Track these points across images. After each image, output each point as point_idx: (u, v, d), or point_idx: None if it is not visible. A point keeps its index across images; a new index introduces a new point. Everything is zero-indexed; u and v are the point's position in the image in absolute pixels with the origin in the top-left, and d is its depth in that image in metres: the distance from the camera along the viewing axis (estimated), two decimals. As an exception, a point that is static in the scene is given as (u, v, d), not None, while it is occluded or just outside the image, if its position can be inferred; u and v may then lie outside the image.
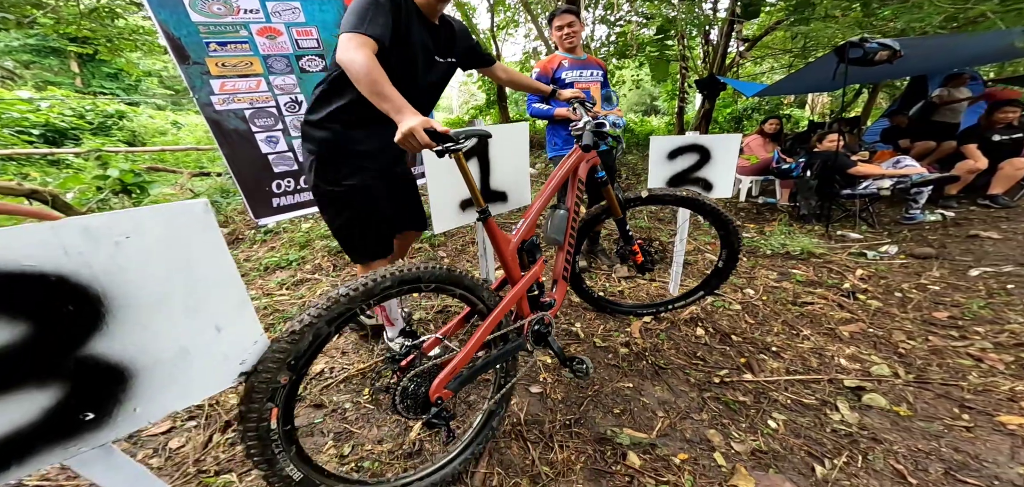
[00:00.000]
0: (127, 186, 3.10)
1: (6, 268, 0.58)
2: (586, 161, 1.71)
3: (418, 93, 1.57)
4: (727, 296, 2.64)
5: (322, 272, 2.91)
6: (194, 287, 0.75)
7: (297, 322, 0.96)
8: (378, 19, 1.29)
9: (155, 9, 2.09)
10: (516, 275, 1.45)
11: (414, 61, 1.49)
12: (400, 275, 1.10)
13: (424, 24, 1.53)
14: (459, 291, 1.28)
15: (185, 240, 0.73)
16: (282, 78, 2.47)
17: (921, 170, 3.84)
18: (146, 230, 0.69)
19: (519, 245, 1.49)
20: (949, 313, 2.41)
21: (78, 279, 0.63)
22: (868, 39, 3.50)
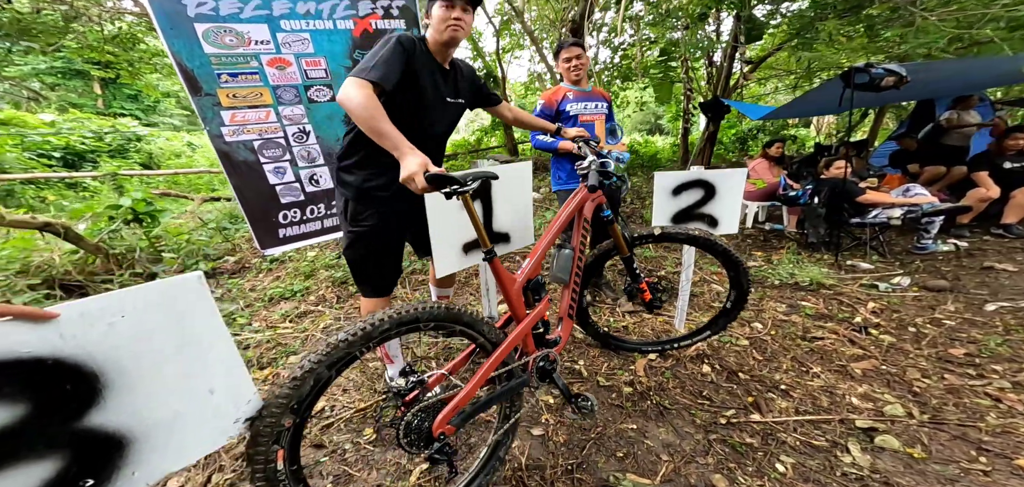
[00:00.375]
0: (139, 215, 3.16)
1: (13, 356, 0.59)
2: (591, 200, 1.72)
3: (431, 133, 1.67)
4: (734, 331, 2.59)
5: (326, 304, 2.92)
6: (188, 354, 0.77)
7: (299, 368, 0.99)
8: (382, 67, 1.36)
9: (169, 40, 2.15)
10: (521, 313, 1.47)
11: (426, 103, 1.56)
12: (398, 317, 1.12)
13: (436, 68, 1.61)
14: (459, 328, 1.28)
15: (179, 312, 0.75)
16: (291, 108, 2.52)
17: (932, 199, 3.78)
18: (141, 308, 0.71)
19: (524, 284, 1.51)
20: (966, 350, 2.34)
21: (74, 360, 0.64)
22: (874, 65, 3.49)
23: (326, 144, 2.65)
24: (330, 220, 2.73)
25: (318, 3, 2.46)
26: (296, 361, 2.32)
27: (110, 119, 10.46)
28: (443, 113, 1.68)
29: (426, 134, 1.63)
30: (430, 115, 1.61)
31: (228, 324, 2.65)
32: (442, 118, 1.69)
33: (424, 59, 1.55)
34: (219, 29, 2.23)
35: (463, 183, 1.16)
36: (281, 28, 2.38)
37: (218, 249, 3.81)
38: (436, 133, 1.72)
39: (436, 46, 1.58)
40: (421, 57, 1.53)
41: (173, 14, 2.11)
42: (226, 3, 2.22)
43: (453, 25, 1.51)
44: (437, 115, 1.65)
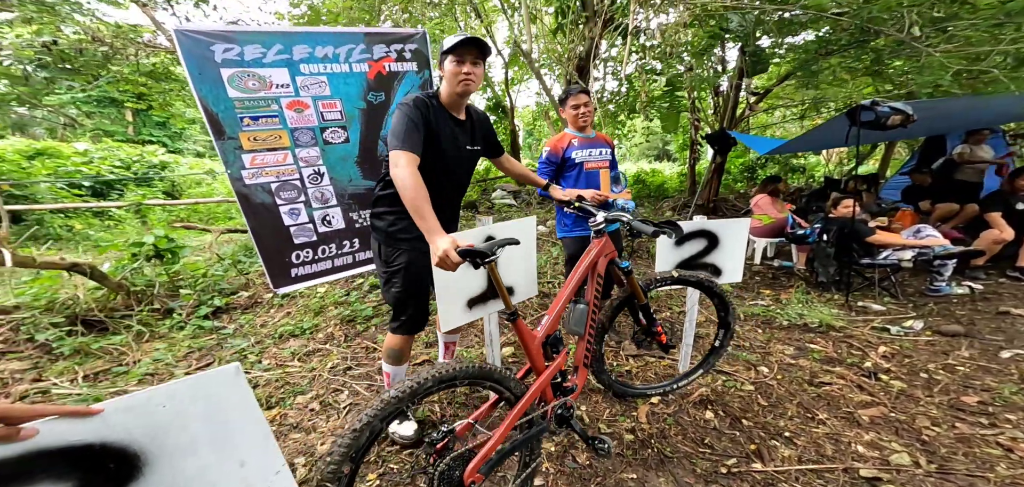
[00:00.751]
0: (160, 251, 3.30)
1: (56, 445, 0.68)
2: (604, 255, 1.79)
3: (455, 182, 1.85)
4: (740, 375, 2.57)
5: (334, 342, 2.98)
6: (222, 432, 0.85)
7: (357, 421, 1.11)
8: (414, 135, 1.54)
9: (197, 85, 2.28)
10: (540, 366, 1.57)
11: (447, 156, 1.71)
12: (440, 375, 1.24)
13: (452, 120, 1.74)
14: (490, 384, 1.40)
15: (216, 399, 0.83)
16: (307, 150, 2.63)
17: (943, 241, 3.72)
18: (182, 398, 0.80)
19: (544, 339, 1.60)
20: (979, 398, 2.29)
21: (118, 443, 0.73)
22: (880, 103, 3.49)
23: (339, 185, 2.75)
24: (340, 259, 2.82)
25: (336, 47, 2.59)
26: (351, 416, 2.37)
27: (138, 147, 10.96)
28: (462, 162, 1.82)
29: (450, 183, 1.80)
30: (452, 166, 1.76)
31: (240, 360, 2.75)
32: (462, 167, 1.84)
33: (439, 114, 1.68)
34: (243, 74, 2.36)
35: (491, 253, 1.31)
36: (300, 72, 2.51)
37: (232, 284, 3.93)
38: (459, 181, 1.88)
39: (450, 98, 1.72)
40: (436, 113, 1.67)
41: (202, 60, 2.26)
42: (250, 49, 2.37)
43: (464, 79, 1.63)
44: (458, 165, 1.81)
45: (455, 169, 1.80)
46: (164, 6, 6.05)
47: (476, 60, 1.65)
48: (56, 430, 0.68)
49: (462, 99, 1.73)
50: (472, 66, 1.64)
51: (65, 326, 2.89)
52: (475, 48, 1.63)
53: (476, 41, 1.63)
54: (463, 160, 1.82)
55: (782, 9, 4.73)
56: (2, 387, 2.47)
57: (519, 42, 6.39)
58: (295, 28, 3.33)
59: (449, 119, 1.73)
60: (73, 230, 6.35)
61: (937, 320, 3.29)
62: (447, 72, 1.65)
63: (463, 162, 1.83)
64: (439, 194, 1.71)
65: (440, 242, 1.31)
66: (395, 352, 1.94)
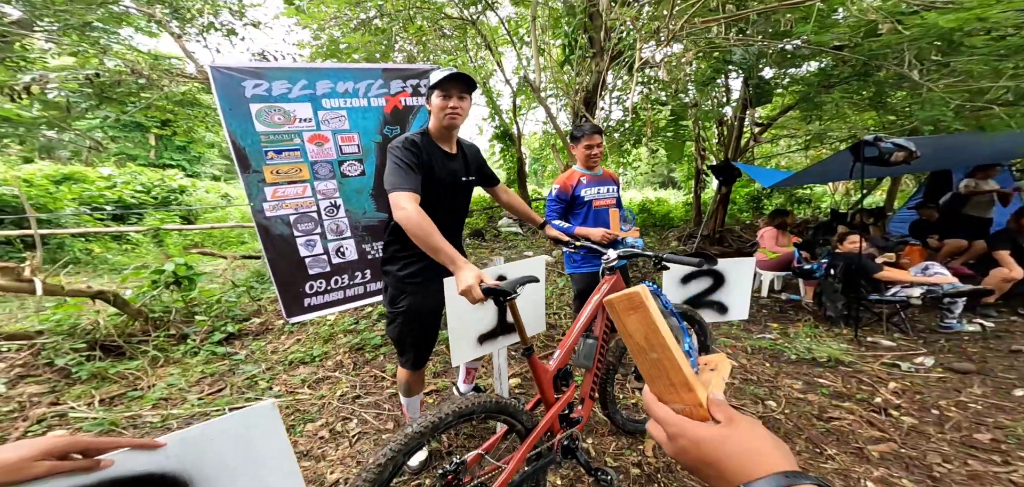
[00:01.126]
0: (179, 278, 3.41)
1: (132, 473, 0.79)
2: (614, 292, 1.83)
3: (453, 212, 1.90)
4: (748, 409, 2.56)
5: (343, 370, 3.02)
6: (256, 462, 0.95)
7: (382, 454, 1.15)
8: (410, 175, 1.59)
9: (228, 119, 2.39)
10: (551, 398, 1.61)
11: (444, 187, 1.78)
12: (460, 410, 1.30)
13: (443, 154, 1.81)
14: (504, 417, 1.46)
15: (253, 432, 0.94)
16: (325, 183, 2.73)
17: (952, 280, 3.71)
18: (227, 432, 0.91)
19: (555, 373, 1.65)
20: (991, 435, 2.27)
21: (173, 472, 0.84)
22: (883, 138, 3.52)
23: (354, 217, 2.85)
24: (352, 290, 2.89)
25: (356, 82, 2.73)
26: (373, 449, 2.40)
27: (159, 171, 11.33)
28: (458, 193, 1.89)
29: (449, 215, 1.86)
30: (449, 198, 1.83)
31: (251, 387, 2.80)
32: (459, 198, 1.91)
33: (431, 149, 1.76)
34: (270, 108, 2.49)
35: (513, 292, 1.37)
36: (322, 106, 2.64)
37: (245, 310, 4.02)
38: (457, 213, 1.95)
39: (438, 132, 1.79)
40: (428, 148, 1.74)
41: (234, 96, 2.39)
42: (278, 84, 2.50)
43: (450, 113, 1.70)
44: (455, 196, 1.87)
45: (453, 201, 1.87)
46: (197, 37, 6.40)
47: (462, 94, 1.70)
48: (127, 461, 0.78)
49: (449, 132, 1.79)
50: (458, 101, 1.69)
51: (84, 351, 2.97)
52: (460, 83, 1.69)
53: (461, 76, 1.68)
54: (459, 191, 1.89)
55: (783, 43, 4.87)
56: (20, 410, 2.53)
57: (527, 75, 6.61)
58: (319, 65, 3.50)
59: (441, 153, 1.79)
60: (92, 254, 6.53)
61: (948, 357, 3.26)
62: (434, 107, 1.72)
63: (459, 193, 1.90)
64: (441, 227, 1.75)
65: (466, 274, 1.34)
66: (404, 384, 2.04)
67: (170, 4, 6.04)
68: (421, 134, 1.77)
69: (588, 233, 2.32)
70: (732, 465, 0.45)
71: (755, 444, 0.46)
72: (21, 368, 2.90)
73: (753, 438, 0.47)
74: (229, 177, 17.67)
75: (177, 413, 2.52)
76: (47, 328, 3.04)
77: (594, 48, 5.30)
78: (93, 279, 5.80)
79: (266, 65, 2.60)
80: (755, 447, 0.46)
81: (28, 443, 0.65)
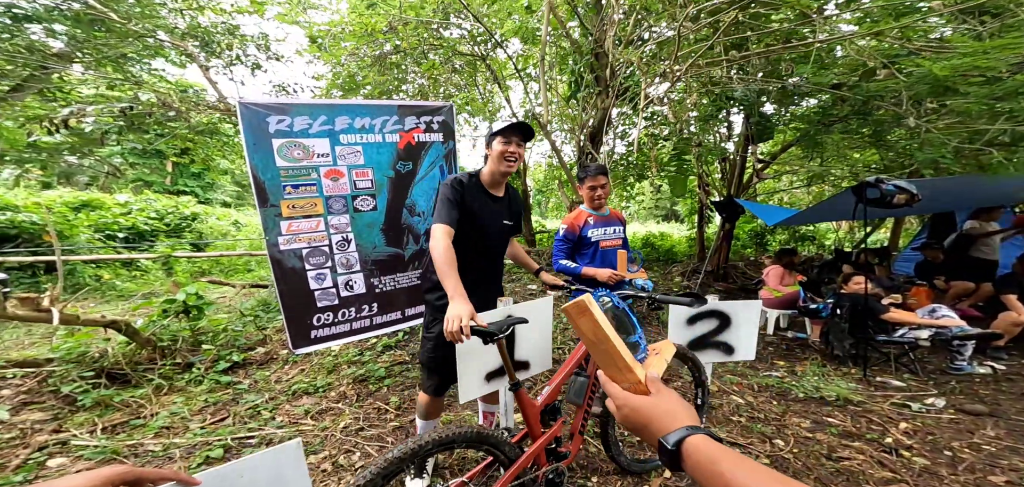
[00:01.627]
0: (189, 308, 3.45)
1: None
2: None
3: (492, 252, 2.01)
4: (755, 447, 2.52)
5: (346, 401, 3.01)
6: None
7: (361, 478, 1.18)
8: (449, 210, 1.75)
9: (251, 154, 2.47)
10: (537, 432, 1.64)
11: (487, 230, 1.90)
12: (439, 438, 1.33)
13: (490, 198, 1.93)
14: (486, 447, 1.48)
15: (278, 469, 0.99)
16: (338, 218, 2.79)
17: (961, 323, 3.70)
18: (258, 468, 0.96)
19: (542, 408, 1.68)
20: (1007, 478, 2.22)
21: None
22: (885, 180, 3.55)
23: (364, 251, 2.90)
24: (358, 322, 2.91)
25: (372, 118, 2.83)
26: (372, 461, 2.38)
27: (173, 198, 11.57)
28: (500, 236, 2.00)
29: (489, 255, 1.98)
30: (491, 240, 1.94)
31: (253, 416, 2.79)
32: (500, 240, 2.02)
33: (476, 192, 1.88)
34: (291, 144, 2.58)
35: (500, 332, 1.43)
36: (340, 141, 2.74)
37: (250, 339, 4.03)
38: (496, 253, 2.05)
39: (491, 178, 1.92)
40: (472, 191, 1.86)
41: (258, 131, 2.48)
42: (300, 120, 2.61)
43: (509, 158, 1.84)
44: (497, 239, 1.99)
45: (493, 243, 1.98)
46: (223, 70, 6.70)
47: (520, 142, 1.85)
48: None
49: (504, 178, 1.93)
50: (516, 147, 1.84)
51: (91, 378, 2.98)
52: (520, 131, 1.84)
53: (523, 126, 1.84)
54: (501, 234, 2.01)
55: (783, 82, 5.01)
56: (22, 437, 2.53)
57: (535, 112, 6.81)
58: (339, 101, 3.64)
59: (488, 197, 1.92)
60: (101, 280, 6.61)
61: (960, 398, 3.21)
62: (494, 152, 1.85)
63: (501, 236, 2.02)
64: (480, 266, 1.92)
65: (456, 307, 1.40)
66: (423, 408, 2.08)
67: (201, 38, 6.37)
68: (470, 175, 1.92)
69: (595, 273, 2.37)
70: (656, 424, 0.63)
71: (672, 407, 0.64)
72: (26, 394, 2.91)
73: (671, 403, 0.65)
74: (239, 204, 17.99)
75: (179, 443, 2.51)
76: (57, 356, 3.07)
77: (600, 86, 5.48)
78: (101, 305, 5.86)
79: (291, 102, 2.70)
80: (671, 410, 0.64)
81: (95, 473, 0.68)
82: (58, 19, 5.77)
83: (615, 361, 0.72)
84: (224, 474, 0.90)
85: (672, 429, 0.60)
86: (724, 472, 0.51)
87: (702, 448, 0.56)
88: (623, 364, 0.71)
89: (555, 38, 6.46)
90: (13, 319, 2.74)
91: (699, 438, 0.57)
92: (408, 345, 4.00)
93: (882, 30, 3.60)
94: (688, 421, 0.61)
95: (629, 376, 0.71)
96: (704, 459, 0.54)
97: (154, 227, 8.92)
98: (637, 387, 0.70)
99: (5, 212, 6.73)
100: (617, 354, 0.71)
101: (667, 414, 0.63)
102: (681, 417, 0.62)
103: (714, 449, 0.55)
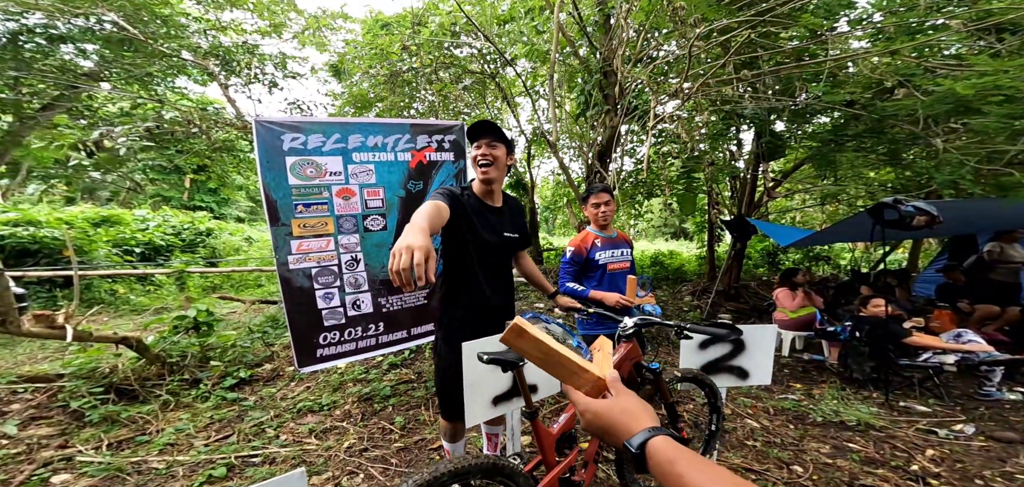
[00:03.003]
0: (198, 324, 3.47)
1: None
2: (630, 360, 1.81)
3: (498, 266, 1.95)
4: (771, 473, 2.42)
5: (351, 420, 2.97)
6: None
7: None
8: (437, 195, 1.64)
9: (264, 172, 2.46)
10: (552, 461, 1.59)
11: (489, 244, 1.83)
12: (455, 468, 1.29)
13: (488, 209, 1.86)
14: (501, 478, 1.44)
15: None
16: (348, 237, 2.76)
17: (988, 349, 3.55)
18: None
19: (558, 436, 1.63)
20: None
21: None
22: (903, 201, 3.43)
23: (372, 271, 2.87)
24: (364, 342, 2.88)
25: (385, 137, 2.82)
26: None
27: (190, 214, 11.80)
28: (504, 249, 1.93)
29: (495, 269, 1.91)
30: (494, 252, 1.87)
31: (258, 434, 2.76)
32: (504, 253, 1.96)
33: (473, 201, 1.82)
34: (304, 162, 2.57)
35: (521, 361, 1.41)
36: (352, 160, 2.72)
37: (257, 356, 4.04)
38: (503, 267, 1.99)
39: (479, 187, 1.86)
40: (471, 201, 1.80)
41: (272, 148, 2.47)
42: (314, 138, 2.60)
43: (481, 162, 1.75)
44: (501, 252, 1.92)
45: (499, 255, 1.92)
46: (241, 88, 6.91)
47: (491, 143, 1.73)
48: None
49: (485, 186, 1.84)
50: (488, 148, 1.73)
51: (100, 394, 2.99)
52: (488, 132, 1.73)
53: (487, 124, 1.73)
54: (504, 247, 1.93)
55: (793, 102, 4.96)
56: (28, 453, 2.53)
57: (543, 129, 6.84)
58: (352, 119, 3.68)
59: (484, 207, 1.84)
60: (116, 295, 6.72)
61: (990, 425, 3.07)
62: (470, 159, 1.83)
63: (505, 249, 1.94)
64: (486, 282, 1.85)
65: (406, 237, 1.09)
66: (446, 431, 2.06)
67: (222, 57, 6.60)
68: (463, 188, 1.86)
69: (603, 297, 2.31)
70: (619, 427, 0.64)
71: (631, 406, 0.66)
72: (35, 409, 2.93)
73: (630, 402, 0.67)
74: (252, 220, 18.28)
75: (183, 459, 2.49)
76: (69, 372, 3.09)
77: (609, 104, 5.49)
78: (114, 319, 5.94)
79: (305, 120, 2.72)
80: (630, 408, 0.66)
81: None
82: (90, 39, 6.04)
83: (568, 367, 0.73)
84: None
85: (635, 431, 0.62)
86: (681, 472, 0.54)
87: (662, 449, 0.58)
88: (577, 367, 0.73)
89: (564, 57, 6.52)
90: (28, 336, 2.77)
91: (660, 439, 0.59)
92: (414, 364, 3.97)
93: (898, 48, 3.55)
94: (648, 421, 0.63)
95: (586, 377, 0.72)
96: (664, 460, 0.57)
97: (170, 242, 9.08)
98: (597, 384, 0.71)
99: (28, 228, 6.91)
100: (568, 360, 0.73)
101: (626, 413, 0.65)
102: (642, 418, 0.64)
103: (673, 450, 0.57)
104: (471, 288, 1.85)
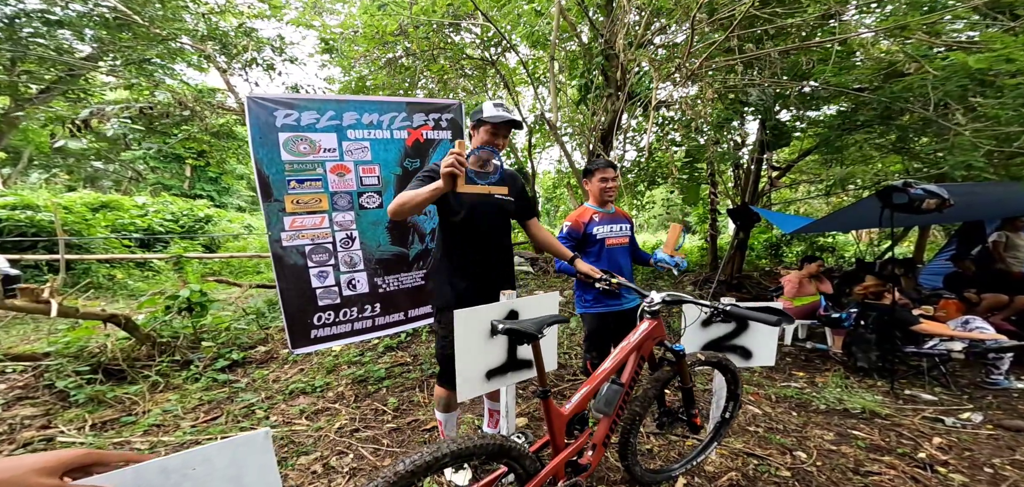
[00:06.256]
0: (192, 305, 3.41)
1: None
2: (653, 338, 1.75)
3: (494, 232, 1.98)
4: (773, 459, 2.35)
5: (343, 402, 2.91)
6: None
7: (402, 462, 1.13)
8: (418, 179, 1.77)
9: (256, 148, 2.42)
10: (561, 444, 1.53)
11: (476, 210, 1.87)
12: (457, 449, 1.22)
13: (478, 175, 1.88)
14: (506, 460, 1.38)
15: (243, 461, 0.88)
16: (343, 214, 2.71)
17: (995, 335, 3.47)
18: (213, 460, 0.84)
19: (570, 417, 1.56)
20: (1055, 498, 2.02)
21: None
22: (913, 184, 3.34)
23: (367, 249, 2.80)
24: (360, 323, 2.82)
25: (380, 115, 2.76)
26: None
27: (189, 201, 11.76)
28: (498, 215, 1.96)
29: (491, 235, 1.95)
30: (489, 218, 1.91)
31: (247, 415, 2.71)
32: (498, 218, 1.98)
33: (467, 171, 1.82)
34: (297, 138, 2.52)
35: (540, 333, 1.38)
36: (347, 137, 2.67)
37: (252, 338, 3.98)
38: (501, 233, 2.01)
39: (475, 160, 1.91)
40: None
41: (264, 124, 2.42)
42: (307, 115, 2.55)
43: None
44: (494, 217, 1.95)
45: (492, 221, 1.94)
46: (239, 72, 6.82)
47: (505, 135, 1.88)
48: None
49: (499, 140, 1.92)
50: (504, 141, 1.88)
51: (87, 374, 2.94)
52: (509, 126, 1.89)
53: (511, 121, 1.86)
54: (500, 209, 1.95)
55: (800, 85, 4.83)
56: (10, 432, 2.47)
57: (544, 114, 6.73)
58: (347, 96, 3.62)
59: (478, 175, 1.88)
60: (114, 280, 6.69)
61: (998, 414, 2.99)
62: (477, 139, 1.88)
63: (499, 216, 1.97)
64: (484, 248, 1.90)
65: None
66: (441, 401, 2.08)
67: (220, 41, 6.51)
68: None
69: (589, 271, 2.15)
70: None
71: None
72: (21, 389, 2.88)
73: None
74: (254, 209, 18.25)
75: (168, 440, 2.44)
76: (55, 350, 3.04)
77: (610, 88, 5.38)
78: (111, 304, 5.90)
79: (299, 97, 2.66)
80: None
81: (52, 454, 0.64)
82: (88, 24, 5.97)
83: None
84: (185, 459, 0.81)
85: None
86: None
87: None
88: None
89: (564, 41, 6.40)
90: (13, 309, 2.72)
91: None
92: (410, 346, 3.91)
93: (907, 23, 3.44)
94: None
95: None
96: None
97: (169, 228, 9.04)
98: None
99: (26, 211, 6.88)
100: None
101: None
102: None
103: None
104: (464, 259, 1.88)
